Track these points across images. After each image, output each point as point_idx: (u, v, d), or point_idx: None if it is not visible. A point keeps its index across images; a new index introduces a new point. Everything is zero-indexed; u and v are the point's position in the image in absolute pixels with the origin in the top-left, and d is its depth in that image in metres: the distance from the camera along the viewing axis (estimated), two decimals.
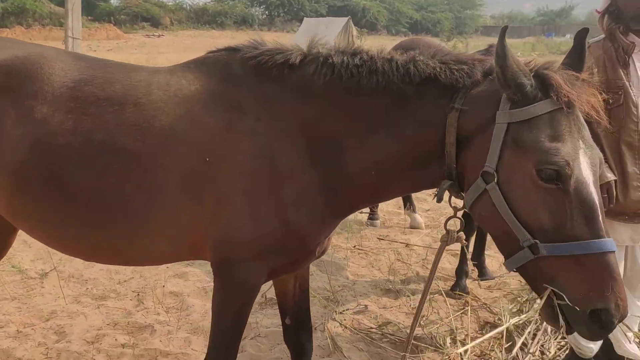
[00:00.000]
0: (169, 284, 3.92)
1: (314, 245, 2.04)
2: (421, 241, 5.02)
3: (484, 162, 1.66)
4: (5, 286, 3.69)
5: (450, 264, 4.40)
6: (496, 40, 1.65)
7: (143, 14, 40.13)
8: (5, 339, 3.08)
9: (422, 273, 4.34)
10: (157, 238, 1.99)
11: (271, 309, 3.61)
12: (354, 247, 4.82)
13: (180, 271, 4.15)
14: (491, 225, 1.71)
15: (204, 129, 1.90)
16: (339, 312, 3.60)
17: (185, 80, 2.00)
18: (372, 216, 5.49)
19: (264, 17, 51.38)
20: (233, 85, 1.95)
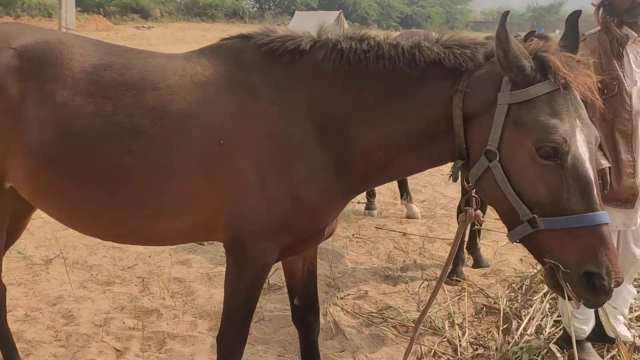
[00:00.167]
0: (172, 270, 3.98)
1: (323, 224, 2.12)
2: (417, 230, 5.13)
3: (487, 141, 1.75)
4: (11, 272, 3.72)
5: (447, 252, 4.50)
6: (486, 34, 1.72)
7: (133, 5, 39.68)
8: (14, 322, 3.12)
9: (419, 261, 4.44)
10: (173, 217, 2.06)
11: (274, 294, 3.70)
12: (352, 235, 4.92)
13: (183, 258, 4.21)
14: (494, 201, 1.82)
15: (218, 112, 1.98)
16: (340, 298, 3.70)
17: (200, 66, 2.07)
18: (370, 206, 5.59)
19: (254, 10, 51.09)
20: (246, 70, 2.03)
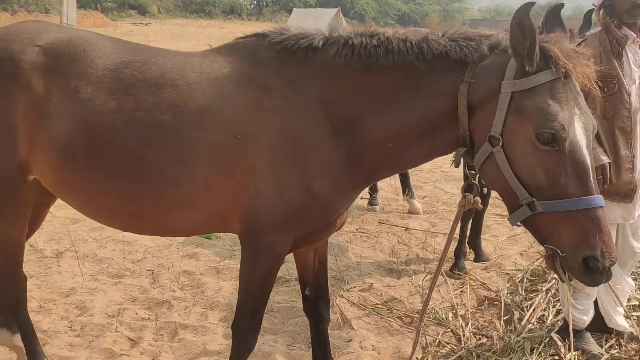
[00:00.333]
0: (181, 264, 4.07)
1: (335, 216, 2.21)
2: (419, 225, 5.22)
3: (490, 127, 1.84)
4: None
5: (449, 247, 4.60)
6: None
7: (130, 2, 39.66)
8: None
9: (422, 255, 4.54)
10: (191, 208, 2.14)
11: (282, 287, 3.79)
12: (356, 230, 5.01)
13: (191, 252, 4.30)
14: (496, 184, 1.91)
15: (234, 107, 2.06)
16: (346, 290, 3.79)
17: (217, 63, 2.16)
18: (372, 202, 5.67)
19: (252, 6, 51.09)
20: (261, 67, 2.11)
